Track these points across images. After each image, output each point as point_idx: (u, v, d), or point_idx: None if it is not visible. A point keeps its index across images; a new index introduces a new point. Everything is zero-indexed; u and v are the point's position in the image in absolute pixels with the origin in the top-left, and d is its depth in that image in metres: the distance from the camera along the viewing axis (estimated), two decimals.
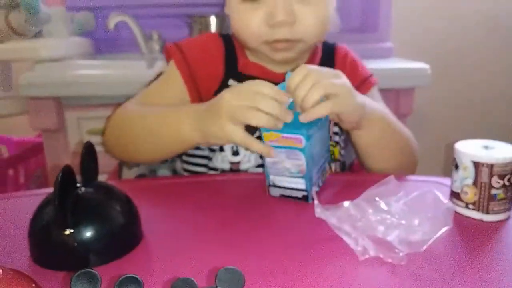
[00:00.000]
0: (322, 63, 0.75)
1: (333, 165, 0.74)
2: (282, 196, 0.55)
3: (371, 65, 1.13)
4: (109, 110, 1.16)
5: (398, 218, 0.39)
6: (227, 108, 0.55)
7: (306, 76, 0.54)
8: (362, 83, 0.75)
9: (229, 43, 0.75)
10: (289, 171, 0.53)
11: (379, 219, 0.39)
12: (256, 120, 0.52)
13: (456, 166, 0.50)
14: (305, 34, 0.66)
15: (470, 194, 0.48)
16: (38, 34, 1.21)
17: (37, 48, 1.13)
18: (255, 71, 0.73)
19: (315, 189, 0.55)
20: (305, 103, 0.53)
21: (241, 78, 0.72)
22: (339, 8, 1.33)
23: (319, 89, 0.53)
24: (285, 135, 0.52)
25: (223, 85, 0.73)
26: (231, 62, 0.74)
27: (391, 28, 1.35)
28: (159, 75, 0.86)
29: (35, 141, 1.48)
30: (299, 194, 0.54)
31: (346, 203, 0.44)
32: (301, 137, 0.52)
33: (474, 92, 1.71)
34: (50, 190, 0.60)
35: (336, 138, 0.75)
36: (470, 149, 0.49)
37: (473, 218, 0.49)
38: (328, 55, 0.77)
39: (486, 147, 0.49)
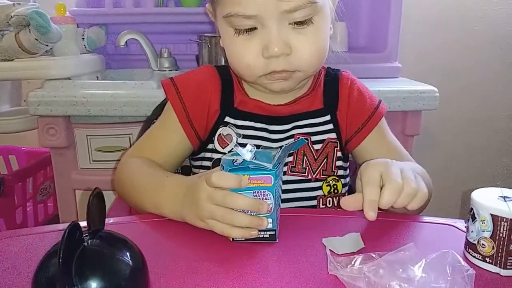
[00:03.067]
0: (326, 94, 0.75)
1: (335, 200, 0.73)
2: (247, 239, 0.53)
3: (379, 87, 1.13)
4: (118, 128, 1.17)
5: (417, 283, 0.37)
6: (204, 210, 0.54)
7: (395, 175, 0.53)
8: (370, 117, 0.74)
9: (226, 77, 0.75)
10: (255, 212, 0.52)
11: (396, 283, 0.38)
12: (231, 234, 0.53)
13: (473, 217, 0.48)
14: (302, 65, 0.65)
15: (488, 247, 0.47)
16: (48, 51, 1.21)
17: (47, 66, 1.13)
18: (252, 107, 0.73)
19: (278, 227, 0.54)
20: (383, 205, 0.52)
21: (238, 114, 0.73)
22: (347, 27, 1.33)
23: (407, 197, 0.53)
24: (254, 176, 0.52)
25: (220, 122, 0.73)
26: (228, 99, 0.74)
27: (399, 48, 1.34)
28: (159, 107, 0.87)
29: (43, 152, 1.48)
30: (266, 234, 0.53)
31: (359, 259, 0.43)
32: (271, 176, 0.51)
33: (481, 112, 1.69)
34: (59, 227, 0.60)
35: (340, 171, 0.74)
36: (488, 200, 0.47)
37: (490, 271, 0.47)
38: (331, 85, 0.76)
39: (504, 198, 0.48)
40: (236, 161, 0.53)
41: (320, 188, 0.72)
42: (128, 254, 0.44)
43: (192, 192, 0.57)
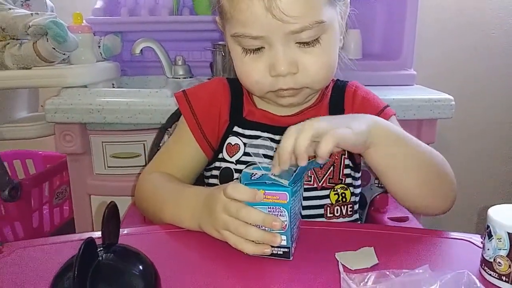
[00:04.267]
0: (332, 103, 0.75)
1: (344, 208, 0.72)
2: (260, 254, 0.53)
3: (393, 96, 1.12)
4: (133, 135, 1.18)
5: None
6: (219, 221, 0.55)
7: (287, 136, 0.53)
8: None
9: (236, 88, 0.76)
10: (269, 228, 0.52)
11: None
12: (244, 249, 0.52)
13: (490, 234, 0.47)
14: (309, 82, 0.65)
15: (504, 266, 0.46)
16: (65, 59, 1.23)
17: (64, 75, 1.15)
18: (259, 117, 0.74)
19: (293, 245, 0.54)
20: (298, 150, 0.50)
21: (246, 124, 0.74)
22: (362, 34, 1.32)
23: (304, 134, 0.50)
24: (269, 192, 0.51)
25: (229, 131, 0.75)
26: (237, 109, 0.75)
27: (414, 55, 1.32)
28: (173, 116, 0.88)
29: (60, 156, 1.50)
30: (280, 251, 0.53)
31: (372, 276, 0.43)
32: (287, 193, 0.51)
33: (498, 118, 1.67)
34: (75, 237, 0.61)
35: (349, 180, 0.73)
36: (505, 218, 0.46)
37: None
38: (338, 95, 0.76)
39: None
40: (254, 175, 0.54)
41: (328, 196, 0.72)
42: (141, 268, 0.44)
43: (210, 202, 0.58)
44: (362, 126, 0.55)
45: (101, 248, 0.44)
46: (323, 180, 0.72)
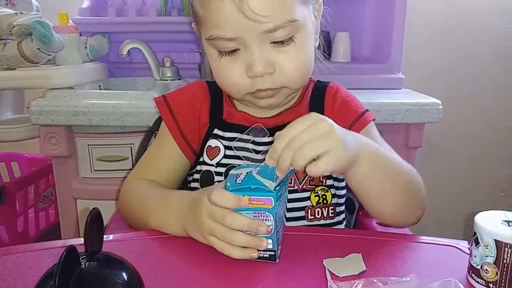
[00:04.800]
0: (311, 105, 0.75)
1: (325, 211, 0.72)
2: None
3: (381, 99, 1.13)
4: (120, 138, 1.16)
5: None
6: (204, 226, 0.54)
7: (290, 141, 0.51)
8: (355, 121, 0.72)
9: (216, 91, 0.76)
10: (255, 232, 0.52)
11: None
12: (231, 254, 0.52)
13: (477, 241, 0.47)
14: (286, 82, 0.66)
15: (491, 273, 0.46)
16: (50, 60, 1.21)
17: (49, 76, 1.13)
18: (238, 119, 0.74)
19: (279, 247, 0.54)
20: (294, 167, 0.50)
21: (226, 126, 0.74)
22: (350, 37, 1.33)
23: (305, 154, 0.49)
24: (254, 197, 0.51)
25: (209, 134, 0.74)
26: (216, 111, 0.75)
27: (403, 57, 1.33)
28: (160, 118, 0.86)
29: (45, 159, 1.48)
30: (266, 254, 0.53)
31: (360, 284, 0.42)
32: (272, 198, 0.51)
33: (485, 122, 1.68)
34: (59, 244, 0.60)
35: (330, 181, 0.73)
36: (492, 225, 0.46)
37: None
38: (318, 96, 0.76)
39: (508, 223, 0.47)
40: (239, 175, 0.53)
41: (308, 198, 0.71)
42: (125, 276, 0.43)
43: (195, 206, 0.57)
44: (354, 148, 0.54)
45: (84, 256, 0.43)
46: (303, 182, 0.72)
